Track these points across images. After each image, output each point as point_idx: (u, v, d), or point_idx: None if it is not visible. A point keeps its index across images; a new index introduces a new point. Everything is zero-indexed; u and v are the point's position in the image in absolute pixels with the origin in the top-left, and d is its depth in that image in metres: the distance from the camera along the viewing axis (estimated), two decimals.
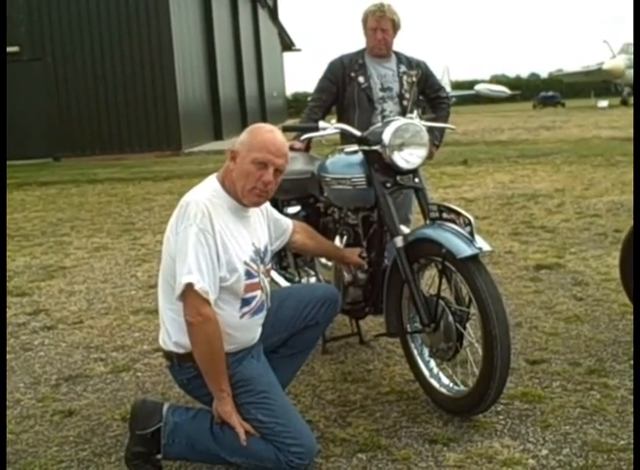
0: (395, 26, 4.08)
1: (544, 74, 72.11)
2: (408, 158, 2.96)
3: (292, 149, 3.98)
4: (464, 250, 2.61)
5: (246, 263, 2.52)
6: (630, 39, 36.52)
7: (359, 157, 3.13)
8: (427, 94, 4.32)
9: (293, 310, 2.78)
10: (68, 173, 15.32)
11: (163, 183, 12.21)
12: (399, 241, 2.91)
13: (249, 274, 2.53)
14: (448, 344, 2.78)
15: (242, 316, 2.55)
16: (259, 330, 2.66)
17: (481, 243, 2.64)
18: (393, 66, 4.13)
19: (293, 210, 3.69)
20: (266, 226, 2.78)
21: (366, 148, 3.05)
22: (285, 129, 3.29)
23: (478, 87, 57.63)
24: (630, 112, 28.63)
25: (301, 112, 4.35)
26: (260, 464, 2.44)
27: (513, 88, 60.29)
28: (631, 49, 36.66)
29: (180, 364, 2.54)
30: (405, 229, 3.02)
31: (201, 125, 22.40)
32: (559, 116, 30.22)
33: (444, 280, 2.83)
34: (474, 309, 2.72)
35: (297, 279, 3.78)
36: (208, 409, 2.54)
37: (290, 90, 56.74)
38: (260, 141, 2.50)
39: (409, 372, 3.21)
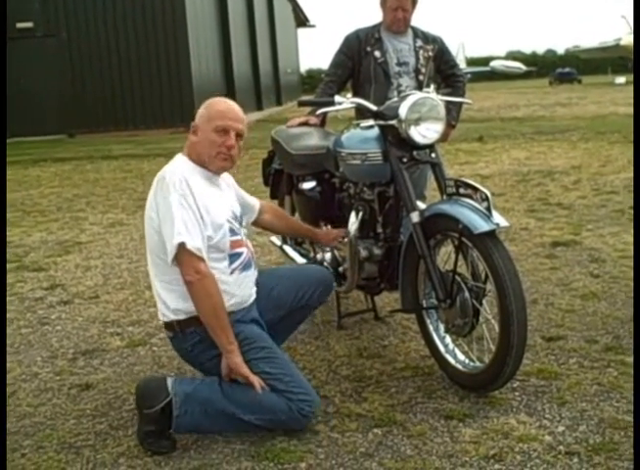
0: (415, 3, 4.03)
1: (561, 51, 71.27)
2: (425, 132, 2.93)
3: (307, 124, 3.98)
4: (481, 225, 2.59)
5: (228, 221, 2.66)
6: None
7: (375, 131, 3.10)
8: (442, 70, 4.26)
9: (289, 289, 2.89)
10: (82, 150, 15.34)
11: None
12: (415, 216, 2.89)
13: (232, 231, 2.68)
14: (464, 320, 2.77)
15: (232, 272, 2.66)
16: (254, 287, 2.77)
17: (499, 219, 2.62)
18: (410, 40, 4.08)
19: (308, 185, 3.67)
20: (234, 195, 2.89)
21: (382, 122, 3.02)
22: (301, 104, 3.27)
23: (493, 63, 56.96)
24: None
25: (316, 88, 4.32)
26: (274, 417, 2.52)
27: (529, 65, 59.57)
28: None
29: (183, 331, 2.64)
30: (421, 205, 3.00)
31: None
32: (575, 92, 29.88)
33: (460, 256, 2.82)
34: (490, 286, 2.71)
35: (312, 255, 3.77)
36: (214, 377, 2.62)
37: (304, 67, 56.36)
38: (218, 110, 2.69)
39: (424, 348, 3.21)
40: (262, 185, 4.36)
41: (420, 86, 3.98)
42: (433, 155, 3.04)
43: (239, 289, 2.68)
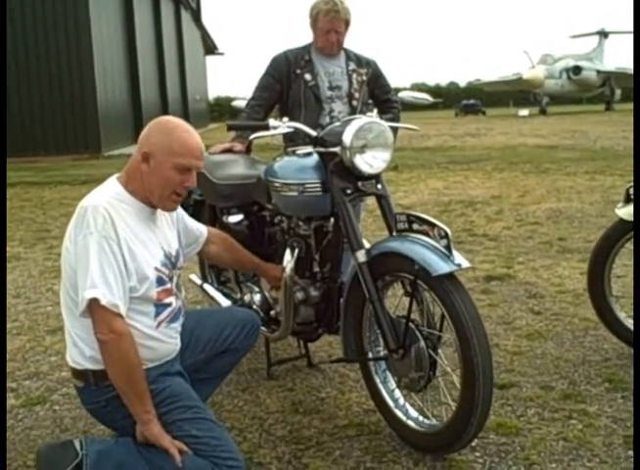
0: (348, 24, 3.74)
1: (463, 83, 73.64)
2: (371, 161, 2.61)
3: (231, 151, 3.62)
4: (440, 266, 2.28)
5: (157, 269, 2.26)
6: (549, 51, 37.55)
7: (314, 160, 2.77)
8: (376, 95, 3.98)
9: (212, 331, 2.53)
10: None
11: (81, 187, 11.50)
12: (362, 255, 2.56)
13: (160, 281, 2.27)
14: (420, 373, 2.44)
15: (158, 325, 2.27)
16: (179, 339, 2.39)
17: (459, 259, 2.32)
18: (342, 63, 3.78)
19: (234, 218, 3.29)
20: (175, 231, 2.49)
21: (322, 150, 2.69)
22: (231, 128, 2.90)
23: (401, 94, 57.82)
24: (549, 121, 29.34)
25: (224, 116, 3.95)
26: None
27: (434, 96, 61.12)
28: (549, 60, 37.70)
29: (97, 383, 2.22)
30: (366, 243, 2.68)
31: (121, 128, 21.56)
32: (482, 123, 30.64)
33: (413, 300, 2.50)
34: (447, 333, 2.40)
35: (238, 296, 3.38)
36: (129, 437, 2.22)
37: (212, 94, 55.85)
38: (182, 145, 2.24)
39: (367, 400, 2.88)
40: None
41: (354, 112, 3.69)
42: (379, 186, 2.72)
43: (164, 343, 2.29)
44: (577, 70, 36.92)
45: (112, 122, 20.24)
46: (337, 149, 2.61)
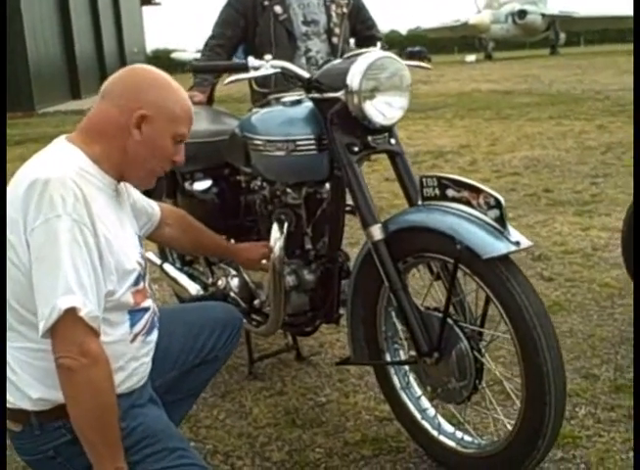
0: None
1: (404, 32, 72.64)
2: (385, 109, 2.01)
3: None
4: (494, 247, 1.72)
5: (138, 263, 1.66)
6: None
7: (306, 109, 2.16)
8: (358, 31, 3.34)
9: (182, 341, 1.90)
10: None
11: (15, 148, 10.59)
12: (377, 231, 1.98)
13: (138, 279, 1.66)
14: (463, 382, 1.89)
15: (134, 339, 1.66)
16: (152, 355, 1.76)
17: (517, 235, 1.75)
18: None
19: (200, 185, 2.66)
20: (128, 207, 1.84)
21: (318, 96, 2.08)
22: (196, 70, 2.26)
23: None
24: (497, 66, 28.91)
25: (163, 69, 3.29)
26: None
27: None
28: (495, 4, 37.15)
29: (43, 426, 1.58)
30: None
31: (56, 83, 20.35)
32: (430, 70, 30.06)
33: (437, 287, 1.95)
34: (490, 330, 1.86)
35: (209, 280, 2.77)
36: None
37: (150, 46, 53.83)
38: (184, 108, 1.72)
39: (378, 404, 2.36)
40: None
41: (334, 52, 3.07)
42: (392, 141, 2.13)
43: (139, 362, 1.68)
44: (523, 13, 36.41)
45: (45, 78, 19.05)
46: (339, 94, 2.00)
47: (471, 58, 34.38)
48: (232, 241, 2.59)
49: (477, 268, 1.77)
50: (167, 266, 3.01)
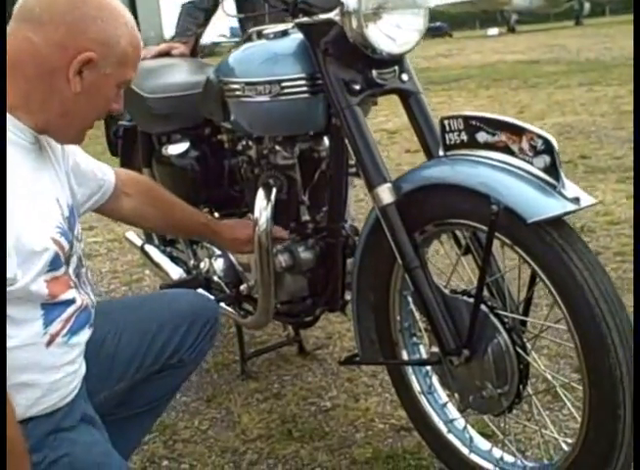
0: None
1: None
2: (394, 32, 1.54)
3: (169, 55, 2.53)
4: (543, 207, 1.25)
5: (54, 241, 1.20)
6: None
7: (294, 42, 1.69)
8: None
9: (136, 342, 1.45)
10: None
11: None
12: (386, 193, 1.51)
13: (54, 262, 1.20)
14: (503, 388, 1.43)
15: (50, 343, 1.23)
16: (83, 364, 1.32)
17: (574, 190, 1.29)
18: None
19: (176, 148, 2.20)
20: (64, 174, 1.38)
21: (309, 20, 1.61)
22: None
23: None
24: (521, 38, 28.09)
25: None
26: None
27: None
28: None
29: None
30: None
31: None
32: (452, 44, 29.24)
33: (466, 264, 1.49)
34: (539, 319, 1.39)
35: (191, 262, 2.33)
36: None
37: (170, 33, 53.58)
38: (136, 46, 1.30)
39: (394, 410, 1.91)
40: (106, 155, 2.82)
41: None
42: (404, 76, 1.67)
43: (60, 373, 1.24)
44: None
45: None
46: (332, 15, 1.53)
47: (493, 31, 33.60)
48: (216, 215, 2.15)
49: (520, 236, 1.30)
50: (149, 248, 2.58)
